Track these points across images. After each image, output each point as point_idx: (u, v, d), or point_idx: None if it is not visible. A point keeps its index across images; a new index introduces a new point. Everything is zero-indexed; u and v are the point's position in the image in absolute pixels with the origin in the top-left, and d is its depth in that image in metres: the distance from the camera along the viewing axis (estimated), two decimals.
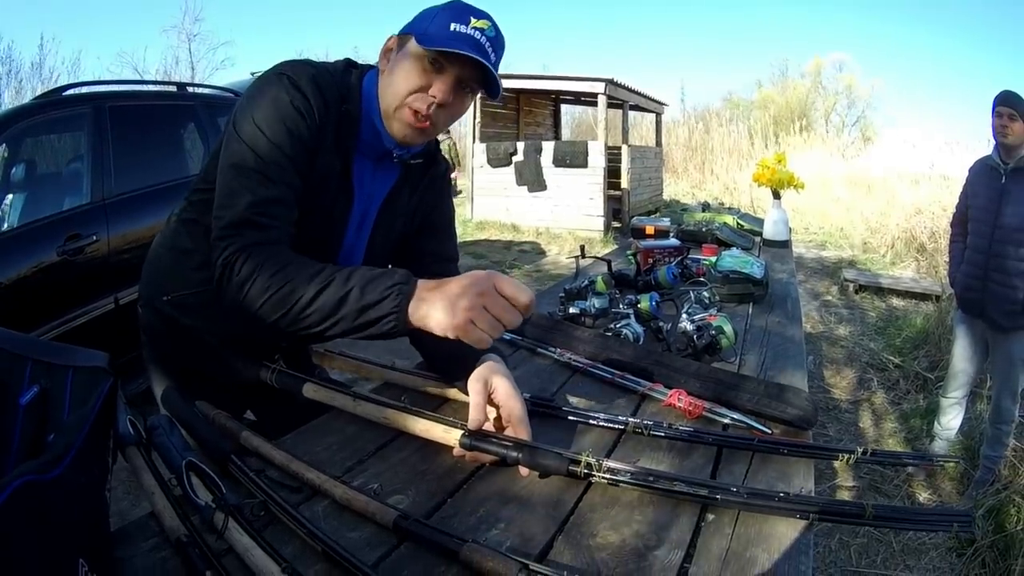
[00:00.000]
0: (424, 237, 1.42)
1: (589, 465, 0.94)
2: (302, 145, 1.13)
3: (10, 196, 3.67)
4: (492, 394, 1.08)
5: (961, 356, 3.46)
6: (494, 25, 1.13)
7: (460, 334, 0.94)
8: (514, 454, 0.98)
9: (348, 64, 1.24)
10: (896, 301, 7.30)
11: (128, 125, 3.83)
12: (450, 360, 1.20)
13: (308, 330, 1.03)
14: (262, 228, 1.08)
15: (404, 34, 1.16)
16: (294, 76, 1.13)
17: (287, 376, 1.29)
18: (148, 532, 0.85)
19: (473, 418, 1.03)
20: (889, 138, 21.42)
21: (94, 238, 3.46)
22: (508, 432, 1.06)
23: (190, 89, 4.91)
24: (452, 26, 1.09)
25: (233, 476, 0.94)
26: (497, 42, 1.14)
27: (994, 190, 3.12)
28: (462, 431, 1.02)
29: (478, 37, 1.10)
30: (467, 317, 0.93)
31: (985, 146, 3.30)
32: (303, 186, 1.15)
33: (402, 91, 1.14)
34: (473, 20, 1.10)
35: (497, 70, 1.14)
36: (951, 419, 3.58)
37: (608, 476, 0.94)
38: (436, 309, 0.95)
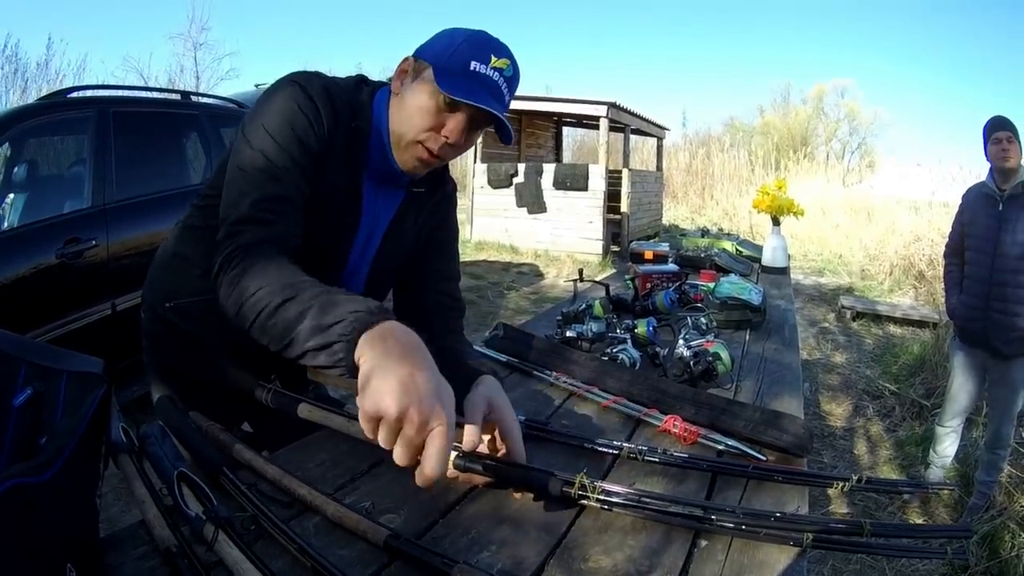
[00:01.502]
0: (427, 255, 1.41)
1: (583, 487, 0.93)
2: (311, 152, 1.12)
3: (11, 196, 3.68)
4: (487, 416, 1.07)
5: (959, 385, 3.45)
6: (513, 64, 1.12)
7: (363, 405, 0.76)
8: (508, 475, 0.97)
9: (359, 80, 1.23)
10: (893, 328, 7.33)
11: (132, 131, 3.85)
12: (447, 378, 1.19)
13: (273, 344, 0.93)
14: (266, 224, 1.05)
15: (420, 59, 1.14)
16: (306, 84, 1.13)
17: (282, 396, 1.28)
18: (138, 540, 0.84)
19: (467, 439, 1.02)
20: (890, 165, 21.56)
21: (93, 243, 3.47)
22: (502, 454, 1.06)
23: (194, 98, 4.93)
24: (472, 65, 1.07)
25: (224, 489, 0.94)
26: (513, 81, 1.13)
27: (992, 218, 3.11)
28: (456, 452, 1.01)
29: (496, 79, 1.09)
30: (388, 406, 0.74)
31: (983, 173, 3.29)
32: (311, 196, 1.14)
33: (415, 126, 1.13)
34: (493, 59, 1.09)
35: (508, 106, 1.14)
36: (947, 447, 3.57)
37: (602, 498, 0.93)
38: (381, 367, 0.78)
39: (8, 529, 0.58)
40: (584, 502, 0.95)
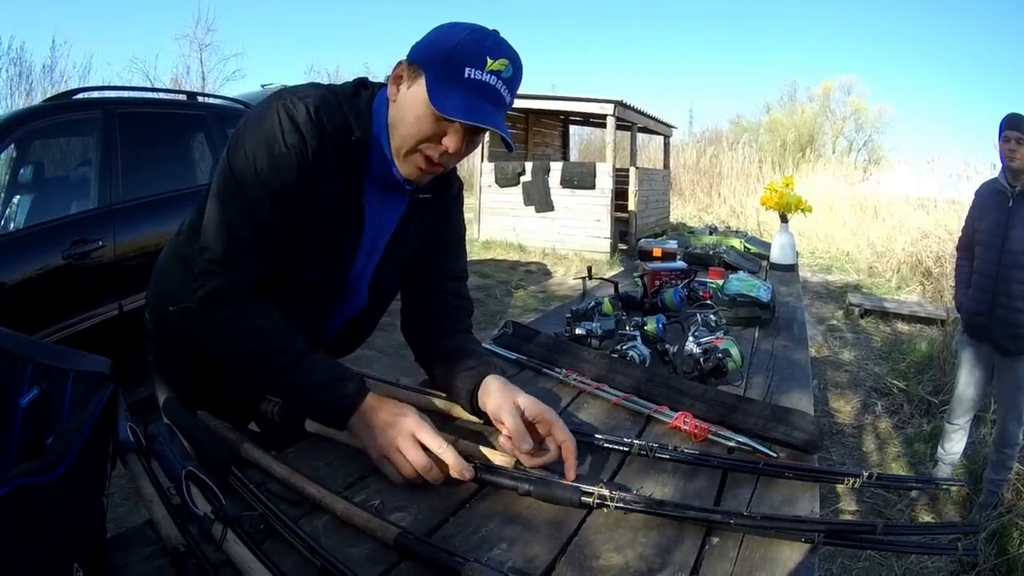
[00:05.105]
0: (434, 256, 1.39)
1: (602, 497, 0.93)
2: (289, 181, 1.11)
3: (17, 197, 3.70)
4: (533, 419, 1.07)
5: (966, 381, 3.45)
6: (513, 62, 1.07)
7: (377, 464, 1.03)
8: (526, 486, 0.97)
9: (358, 85, 1.20)
10: (901, 326, 7.30)
11: (138, 132, 3.85)
12: (455, 376, 1.19)
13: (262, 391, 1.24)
14: (240, 269, 1.12)
15: (414, 63, 1.09)
16: (291, 106, 1.09)
17: (288, 409, 1.25)
18: (145, 540, 0.84)
19: (519, 447, 1.04)
20: (896, 162, 21.49)
21: (100, 244, 3.47)
22: (549, 438, 1.07)
23: (201, 99, 4.94)
24: (466, 71, 1.03)
25: (233, 488, 0.93)
26: (514, 81, 1.08)
27: (1001, 214, 3.13)
28: (473, 463, 1.01)
29: (493, 83, 1.05)
30: (380, 455, 1.02)
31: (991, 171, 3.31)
32: (306, 210, 1.15)
33: (413, 136, 1.10)
34: (489, 61, 1.04)
35: (511, 105, 1.12)
36: (955, 444, 3.57)
37: (622, 506, 0.92)
38: (366, 433, 1.05)
39: (14, 529, 0.57)
40: (604, 508, 0.94)
